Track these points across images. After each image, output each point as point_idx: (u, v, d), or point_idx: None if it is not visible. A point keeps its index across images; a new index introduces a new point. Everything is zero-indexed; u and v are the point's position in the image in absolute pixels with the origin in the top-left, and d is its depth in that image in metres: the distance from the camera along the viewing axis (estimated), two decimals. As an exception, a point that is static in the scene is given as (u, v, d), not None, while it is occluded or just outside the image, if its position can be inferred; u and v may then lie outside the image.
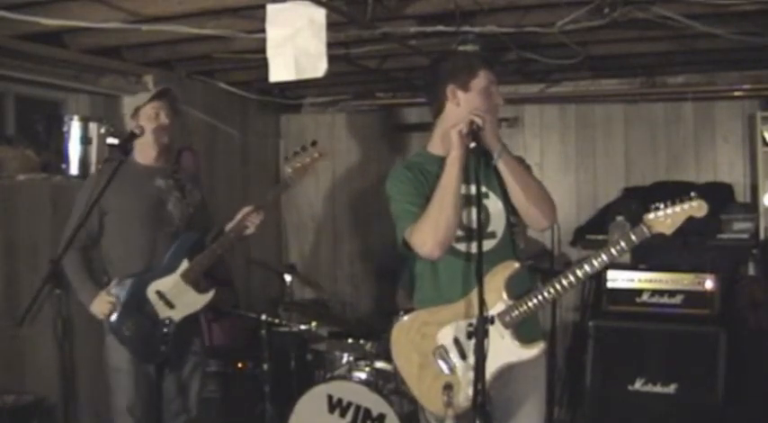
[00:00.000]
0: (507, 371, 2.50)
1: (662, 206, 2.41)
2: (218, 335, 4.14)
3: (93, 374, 3.84)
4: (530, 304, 2.46)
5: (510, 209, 2.58)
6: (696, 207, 2.41)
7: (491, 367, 2.40)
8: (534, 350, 2.48)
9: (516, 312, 2.47)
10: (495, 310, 2.47)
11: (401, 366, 2.65)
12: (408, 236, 2.55)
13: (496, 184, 2.59)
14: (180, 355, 3.28)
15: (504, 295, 2.49)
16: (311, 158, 3.21)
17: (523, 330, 2.50)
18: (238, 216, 3.25)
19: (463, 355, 2.51)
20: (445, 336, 2.54)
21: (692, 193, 2.42)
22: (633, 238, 2.40)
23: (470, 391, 2.39)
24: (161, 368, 3.20)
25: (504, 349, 2.46)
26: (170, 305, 3.19)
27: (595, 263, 2.43)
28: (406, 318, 2.66)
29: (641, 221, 2.42)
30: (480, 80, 2.58)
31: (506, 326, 2.48)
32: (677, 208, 2.41)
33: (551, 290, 2.46)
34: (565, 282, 2.45)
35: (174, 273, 3.22)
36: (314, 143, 3.24)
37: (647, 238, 2.41)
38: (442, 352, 2.55)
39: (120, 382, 3.19)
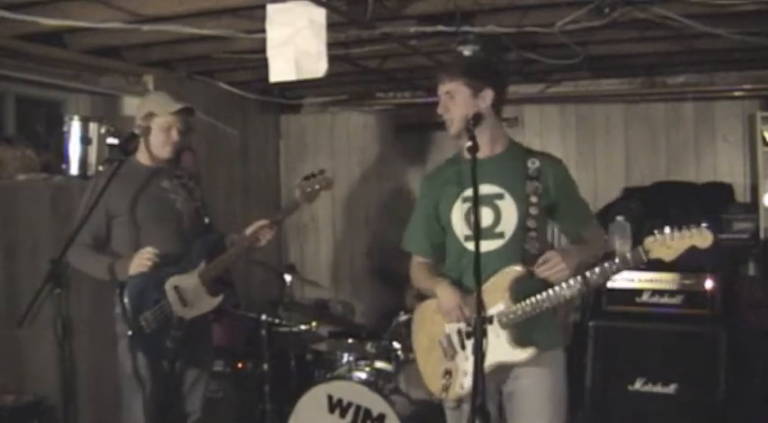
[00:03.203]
0: (506, 370, 2.59)
1: (666, 231, 2.38)
2: (218, 335, 4.12)
3: (93, 374, 3.85)
4: (525, 308, 2.53)
5: (526, 213, 2.62)
6: (700, 236, 2.37)
7: (484, 363, 2.44)
8: (523, 354, 2.54)
9: (512, 314, 2.55)
10: (495, 309, 2.57)
11: (414, 346, 2.83)
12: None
13: (516, 185, 2.64)
14: (189, 355, 3.26)
15: (507, 296, 2.56)
16: (320, 186, 3.30)
17: (521, 333, 2.57)
18: (253, 227, 3.27)
19: (463, 346, 2.63)
20: (452, 325, 2.66)
21: (704, 224, 2.38)
22: (629, 259, 2.44)
23: (465, 382, 2.57)
24: (173, 366, 3.19)
25: (497, 348, 2.52)
26: (184, 303, 3.18)
27: (588, 275, 2.49)
28: (426, 302, 2.80)
29: (641, 244, 2.43)
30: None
31: (503, 326, 2.56)
32: (680, 235, 2.38)
33: (546, 297, 2.52)
34: (559, 291, 2.51)
35: (193, 271, 3.22)
36: (322, 171, 3.33)
37: (644, 262, 2.42)
38: (446, 340, 2.67)
39: (137, 388, 3.15)
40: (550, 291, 2.51)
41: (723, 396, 3.92)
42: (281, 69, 3.21)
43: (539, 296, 2.52)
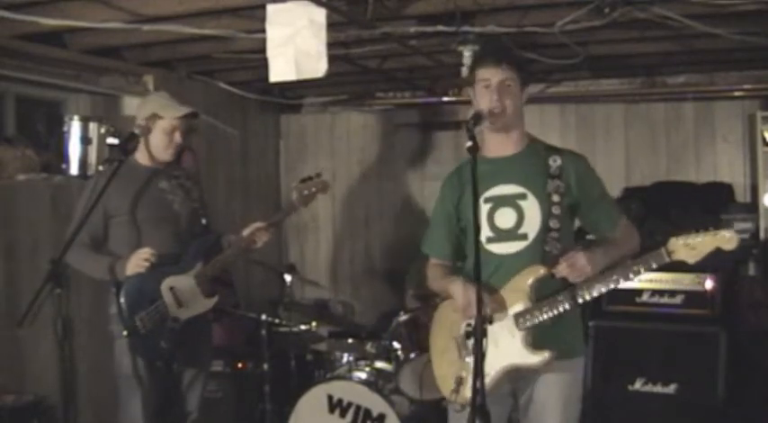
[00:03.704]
0: (522, 374, 2.54)
1: (690, 234, 2.31)
2: (218, 335, 4.13)
3: (93, 374, 3.84)
4: (542, 308, 2.48)
5: (549, 212, 2.56)
6: (726, 239, 2.29)
7: (497, 365, 2.46)
8: (536, 358, 2.48)
9: (530, 315, 2.49)
10: (513, 309, 2.52)
11: (431, 345, 2.77)
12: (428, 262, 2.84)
13: (538, 184, 2.59)
14: (186, 356, 3.26)
15: (526, 297, 2.51)
16: (316, 189, 3.32)
17: (539, 336, 2.51)
18: (250, 229, 3.28)
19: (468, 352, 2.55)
20: (467, 327, 2.56)
21: (732, 228, 2.32)
22: (652, 263, 2.38)
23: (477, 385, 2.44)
24: (169, 366, 3.19)
25: (511, 350, 2.49)
26: (179, 303, 3.19)
27: (611, 284, 2.43)
28: (445, 303, 2.73)
29: (663, 246, 2.37)
30: (477, 79, 2.62)
31: (520, 327, 2.50)
32: (706, 238, 2.31)
33: (566, 304, 2.47)
34: (579, 299, 2.46)
35: (189, 272, 3.23)
36: (318, 175, 3.37)
37: (666, 263, 2.36)
38: (461, 341, 2.61)
39: (134, 388, 3.15)
40: (571, 301, 2.45)
41: (723, 396, 3.92)
42: (281, 69, 3.21)
43: (556, 296, 2.46)
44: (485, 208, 2.58)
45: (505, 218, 2.57)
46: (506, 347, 2.48)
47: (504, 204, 2.57)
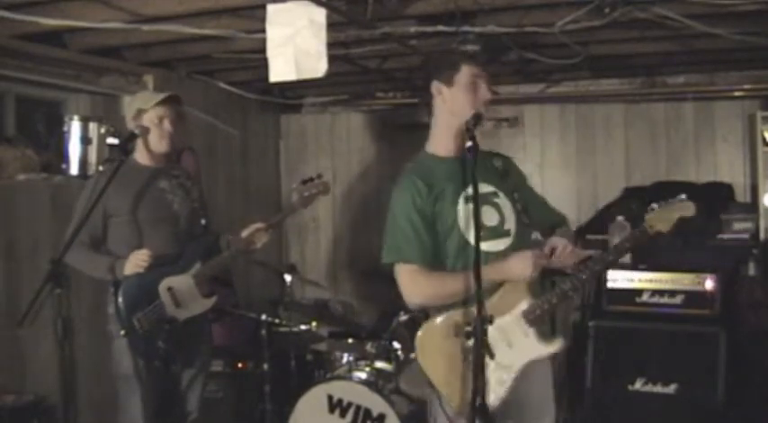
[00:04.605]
0: (530, 368, 2.54)
1: (656, 207, 2.56)
2: (218, 335, 4.13)
3: (93, 374, 3.84)
4: (553, 301, 2.49)
5: (517, 209, 2.60)
6: (683, 207, 2.57)
7: (517, 365, 2.48)
8: (555, 346, 2.52)
9: (539, 310, 2.50)
10: (519, 308, 2.51)
11: (427, 366, 2.59)
12: (398, 273, 2.70)
13: (500, 184, 2.63)
14: (185, 356, 3.26)
15: (528, 294, 2.51)
16: (317, 190, 3.31)
17: (544, 328, 2.55)
18: (249, 230, 3.28)
19: (491, 355, 2.42)
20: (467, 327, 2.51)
21: (682, 196, 2.59)
22: (639, 237, 2.52)
23: (500, 391, 2.46)
24: (167, 367, 3.19)
25: (528, 347, 2.51)
26: (177, 304, 3.19)
27: (608, 262, 2.54)
28: (437, 320, 2.58)
29: (643, 221, 2.54)
30: (462, 75, 2.61)
31: (531, 324, 2.51)
32: (668, 207, 2.57)
33: (570, 286, 2.49)
34: (584, 277, 2.50)
35: (187, 272, 3.23)
36: (320, 176, 3.36)
37: (651, 236, 2.52)
38: (469, 354, 2.48)
39: (133, 388, 3.16)
40: (575, 281, 2.48)
41: (723, 396, 3.92)
42: (281, 69, 3.21)
43: (563, 286, 2.49)
44: (467, 207, 2.52)
45: (489, 215, 2.56)
46: (522, 346, 2.49)
47: (483, 202, 2.55)
